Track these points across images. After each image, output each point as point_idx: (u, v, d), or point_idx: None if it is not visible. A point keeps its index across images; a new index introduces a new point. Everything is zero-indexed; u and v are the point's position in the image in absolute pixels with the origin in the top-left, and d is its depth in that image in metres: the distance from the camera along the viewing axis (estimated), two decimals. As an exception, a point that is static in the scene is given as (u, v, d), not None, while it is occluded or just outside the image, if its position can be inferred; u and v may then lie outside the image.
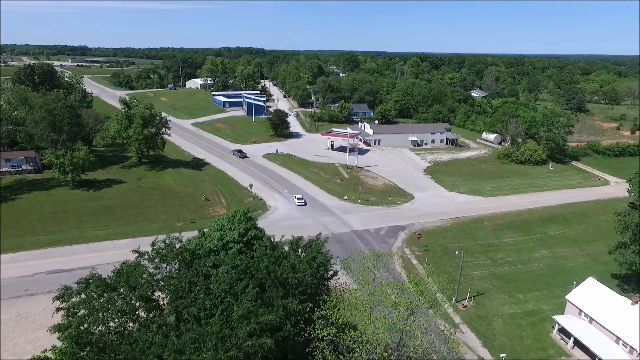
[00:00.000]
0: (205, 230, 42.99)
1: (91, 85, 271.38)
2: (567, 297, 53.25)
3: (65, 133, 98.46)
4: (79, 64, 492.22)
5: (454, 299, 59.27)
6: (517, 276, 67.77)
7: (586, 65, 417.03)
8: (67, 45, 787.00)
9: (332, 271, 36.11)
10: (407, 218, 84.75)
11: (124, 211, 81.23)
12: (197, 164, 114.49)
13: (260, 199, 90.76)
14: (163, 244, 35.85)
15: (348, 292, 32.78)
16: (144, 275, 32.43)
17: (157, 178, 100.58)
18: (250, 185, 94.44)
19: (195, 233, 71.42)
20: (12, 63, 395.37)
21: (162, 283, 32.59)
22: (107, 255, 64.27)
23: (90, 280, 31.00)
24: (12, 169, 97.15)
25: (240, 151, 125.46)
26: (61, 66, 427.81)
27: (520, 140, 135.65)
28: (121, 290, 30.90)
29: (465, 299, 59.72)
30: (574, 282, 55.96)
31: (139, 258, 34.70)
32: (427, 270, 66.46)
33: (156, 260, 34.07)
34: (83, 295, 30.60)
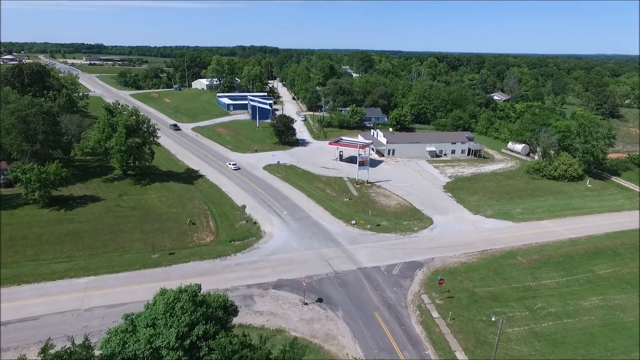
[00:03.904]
0: (136, 318, 29.55)
1: (97, 85, 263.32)
2: (645, 388, 39.57)
3: (39, 143, 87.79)
4: (92, 62, 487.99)
5: (487, 374, 46.12)
6: (564, 336, 54.04)
7: (615, 66, 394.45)
8: (84, 44, 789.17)
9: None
10: (425, 251, 71.35)
11: (94, 237, 69.76)
12: (190, 177, 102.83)
13: (255, 223, 78.56)
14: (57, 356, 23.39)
15: None
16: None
17: (140, 194, 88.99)
18: (244, 207, 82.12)
19: (172, 269, 59.08)
20: (27, 61, 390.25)
21: None
22: (58, 301, 52.99)
23: None
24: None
25: (175, 125, 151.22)
26: (73, 64, 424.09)
27: (553, 152, 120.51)
28: None
29: (501, 374, 46.50)
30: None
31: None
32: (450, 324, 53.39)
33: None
34: None
